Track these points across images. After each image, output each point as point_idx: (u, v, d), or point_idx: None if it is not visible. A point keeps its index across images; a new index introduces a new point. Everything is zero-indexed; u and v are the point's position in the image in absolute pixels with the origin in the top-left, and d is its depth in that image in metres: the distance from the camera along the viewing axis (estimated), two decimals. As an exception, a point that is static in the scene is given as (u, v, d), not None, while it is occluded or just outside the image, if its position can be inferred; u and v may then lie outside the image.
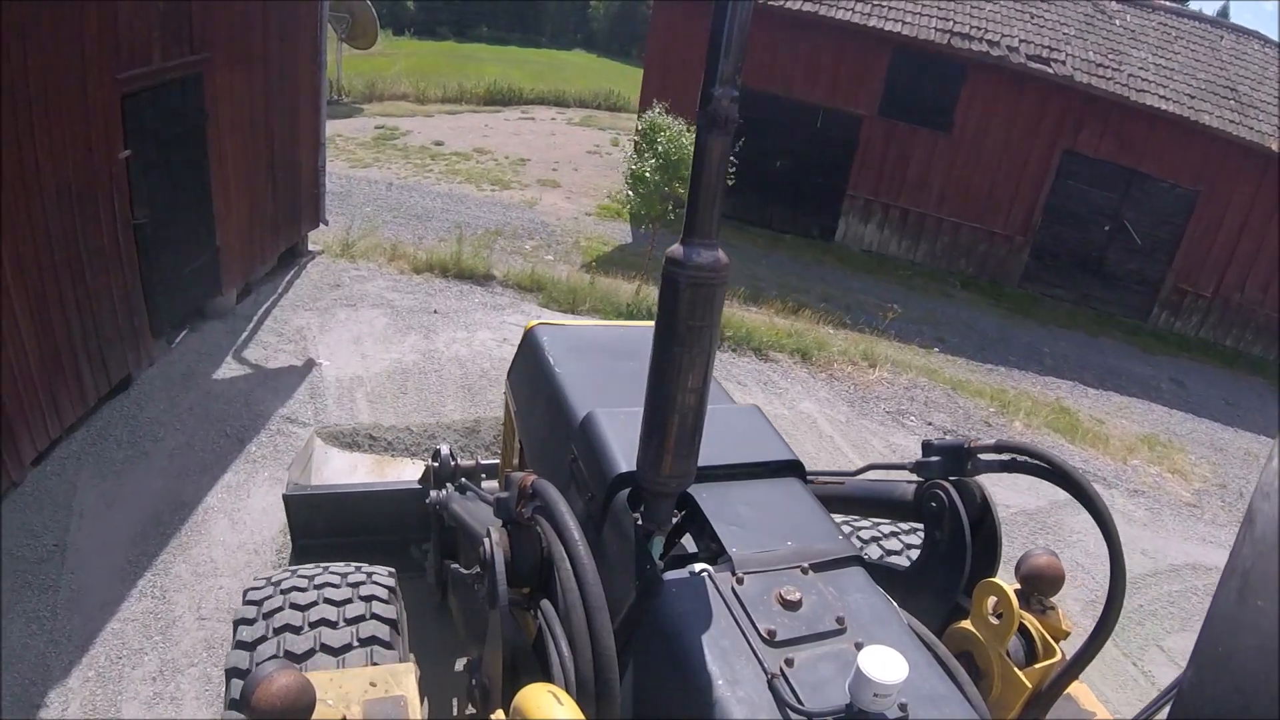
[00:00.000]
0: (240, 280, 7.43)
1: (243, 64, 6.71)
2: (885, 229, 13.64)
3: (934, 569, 2.38)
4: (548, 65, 31.75)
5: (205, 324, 7.06)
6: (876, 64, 12.64)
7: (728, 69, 1.48)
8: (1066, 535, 6.90)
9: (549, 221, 12.25)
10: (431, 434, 5.73)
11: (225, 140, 6.61)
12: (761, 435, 2.44)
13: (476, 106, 19.49)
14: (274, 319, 7.35)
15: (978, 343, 11.50)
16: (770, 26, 12.61)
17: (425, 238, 10.83)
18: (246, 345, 6.91)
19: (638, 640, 1.80)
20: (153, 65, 5.57)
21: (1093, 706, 2.31)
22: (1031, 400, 9.79)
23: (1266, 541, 0.83)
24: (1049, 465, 2.14)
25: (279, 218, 7.80)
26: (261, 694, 1.58)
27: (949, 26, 12.43)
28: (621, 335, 3.33)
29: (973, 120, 12.91)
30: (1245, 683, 0.82)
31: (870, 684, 1.45)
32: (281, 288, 7.90)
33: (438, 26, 36.45)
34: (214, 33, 6.16)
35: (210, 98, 6.26)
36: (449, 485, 3.43)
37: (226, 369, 6.55)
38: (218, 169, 6.59)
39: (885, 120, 12.97)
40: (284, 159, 7.71)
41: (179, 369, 6.43)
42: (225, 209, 6.83)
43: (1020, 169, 13.18)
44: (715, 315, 1.63)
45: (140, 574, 4.50)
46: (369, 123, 16.32)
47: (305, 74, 7.93)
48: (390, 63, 24.39)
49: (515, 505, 1.85)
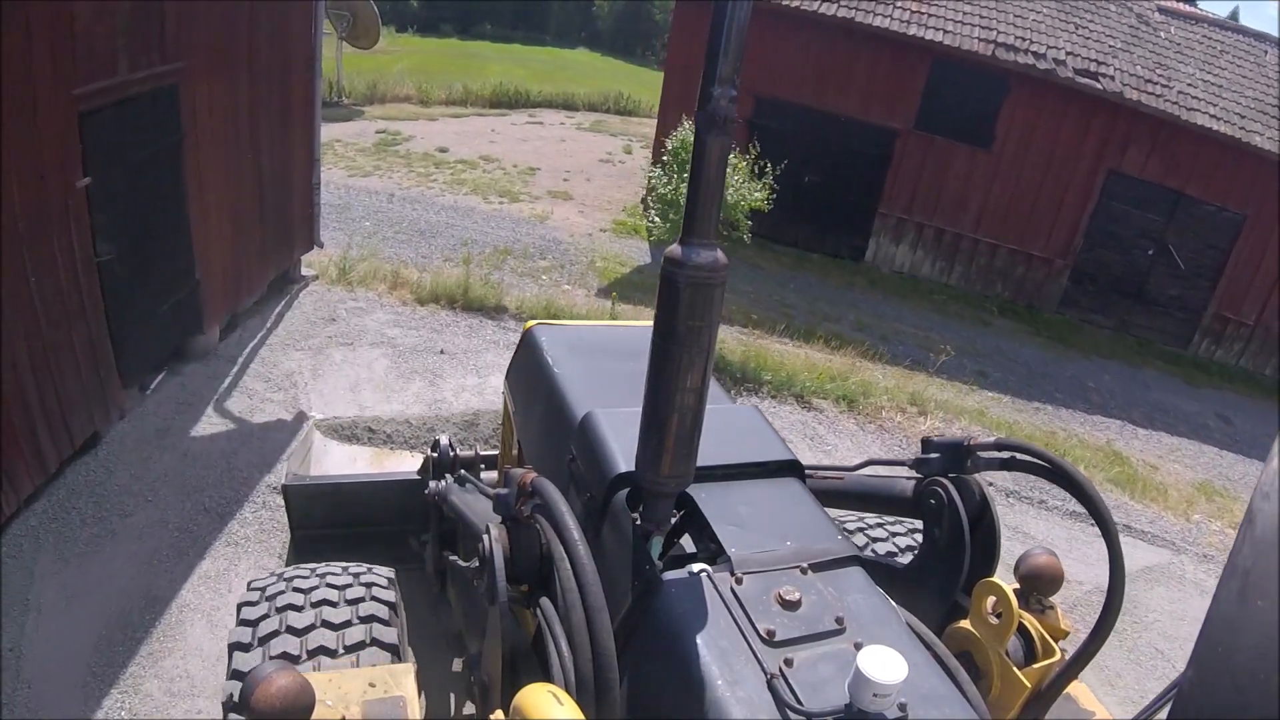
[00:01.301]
0: (224, 315, 6.61)
1: (225, 72, 5.86)
2: (918, 249, 12.84)
3: (933, 566, 2.37)
4: (552, 64, 31.13)
5: (185, 367, 6.24)
6: (914, 75, 11.83)
7: (726, 69, 1.47)
8: (1143, 616, 6.23)
9: (562, 238, 11.43)
10: (430, 427, 5.61)
11: (205, 160, 5.77)
12: (760, 435, 2.43)
13: (482, 109, 18.64)
14: (261, 360, 6.52)
15: (1022, 377, 10.82)
16: (801, 34, 11.81)
17: (430, 257, 10.02)
18: (230, 393, 6.08)
19: (637, 640, 1.79)
20: (117, 77, 4.73)
21: (1092, 706, 2.31)
22: (1083, 444, 9.19)
23: (1266, 541, 0.84)
24: (1048, 464, 2.15)
25: (268, 243, 6.97)
26: (260, 695, 1.56)
27: (992, 37, 11.63)
28: (620, 335, 3.33)
29: (1015, 136, 12.12)
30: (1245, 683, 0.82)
31: (869, 684, 1.43)
32: (270, 322, 7.06)
33: (441, 23, 35.78)
34: (191, 37, 5.31)
35: (187, 112, 5.42)
36: (448, 476, 3.37)
37: (207, 423, 5.73)
38: (196, 193, 5.76)
39: (922, 134, 12.17)
40: (274, 178, 6.88)
41: (153, 422, 5.61)
42: (206, 238, 6.00)
43: (1063, 188, 12.41)
44: (714, 315, 1.62)
45: (106, 690, 3.80)
46: (370, 127, 15.46)
47: (298, 82, 7.08)
48: (393, 61, 23.50)
49: (515, 502, 1.84)
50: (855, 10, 11.34)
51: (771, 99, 12.26)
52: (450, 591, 3.18)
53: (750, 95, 12.32)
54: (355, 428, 5.44)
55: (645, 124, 20.50)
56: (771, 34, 11.97)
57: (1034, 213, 12.56)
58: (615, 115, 21.00)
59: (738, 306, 10.36)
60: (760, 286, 11.14)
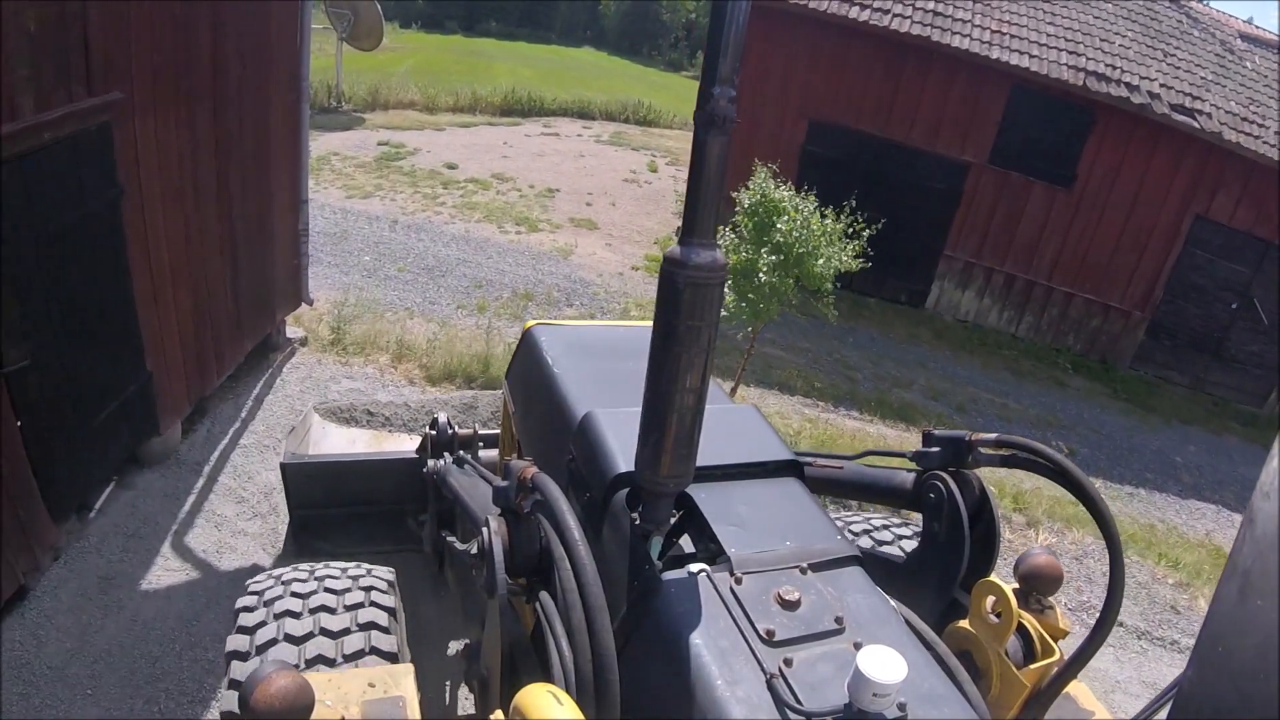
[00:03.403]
0: (186, 406, 5.17)
1: (180, 102, 4.37)
2: (985, 297, 11.48)
3: (932, 561, 2.37)
4: (558, 63, 29.94)
5: (138, 477, 4.85)
6: (991, 103, 10.45)
7: (726, 68, 1.47)
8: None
9: (589, 278, 9.99)
10: (429, 410, 5.43)
11: (154, 219, 4.31)
12: (759, 435, 2.40)
13: (493, 118, 17.14)
14: (233, 469, 5.07)
15: (1109, 453, 9.58)
16: (865, 51, 10.41)
17: (438, 303, 8.57)
18: (193, 521, 4.66)
19: (637, 641, 1.79)
20: (23, 120, 3.28)
21: (1091, 705, 2.30)
22: (1184, 541, 8.09)
23: (1266, 541, 0.83)
24: (1048, 462, 2.17)
25: (243, 312, 5.50)
26: (260, 695, 1.55)
27: (1081, 64, 10.27)
28: (620, 335, 3.33)
29: (1098, 175, 10.78)
30: (1245, 682, 0.82)
31: (869, 684, 1.44)
32: (246, 411, 5.60)
33: (446, 20, 34.48)
34: (129, 58, 3.84)
35: (126, 159, 3.97)
36: (446, 455, 3.36)
37: (162, 568, 4.34)
38: (143, 263, 4.31)
39: (996, 170, 10.79)
40: (249, 230, 5.41)
41: (95, 565, 4.27)
42: (158, 317, 4.55)
43: (1146, 234, 11.10)
44: (714, 315, 1.63)
45: None
46: (371, 137, 13.95)
47: (279, 106, 5.59)
48: (396, 59, 22.01)
49: (515, 496, 1.82)
50: (931, 28, 9.94)
51: (827, 123, 10.87)
52: (448, 572, 3.21)
53: (803, 118, 10.93)
54: (354, 411, 5.24)
55: (668, 136, 19.11)
56: (830, 50, 10.57)
57: (1114, 260, 11.25)
58: (635, 126, 19.56)
59: (797, 369, 8.99)
60: (817, 341, 9.76)
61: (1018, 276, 11.28)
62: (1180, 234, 11.10)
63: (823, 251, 5.67)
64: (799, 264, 5.70)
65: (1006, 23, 10.49)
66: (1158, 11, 12.45)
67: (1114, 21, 11.56)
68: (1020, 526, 6.79)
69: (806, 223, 5.58)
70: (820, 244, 5.66)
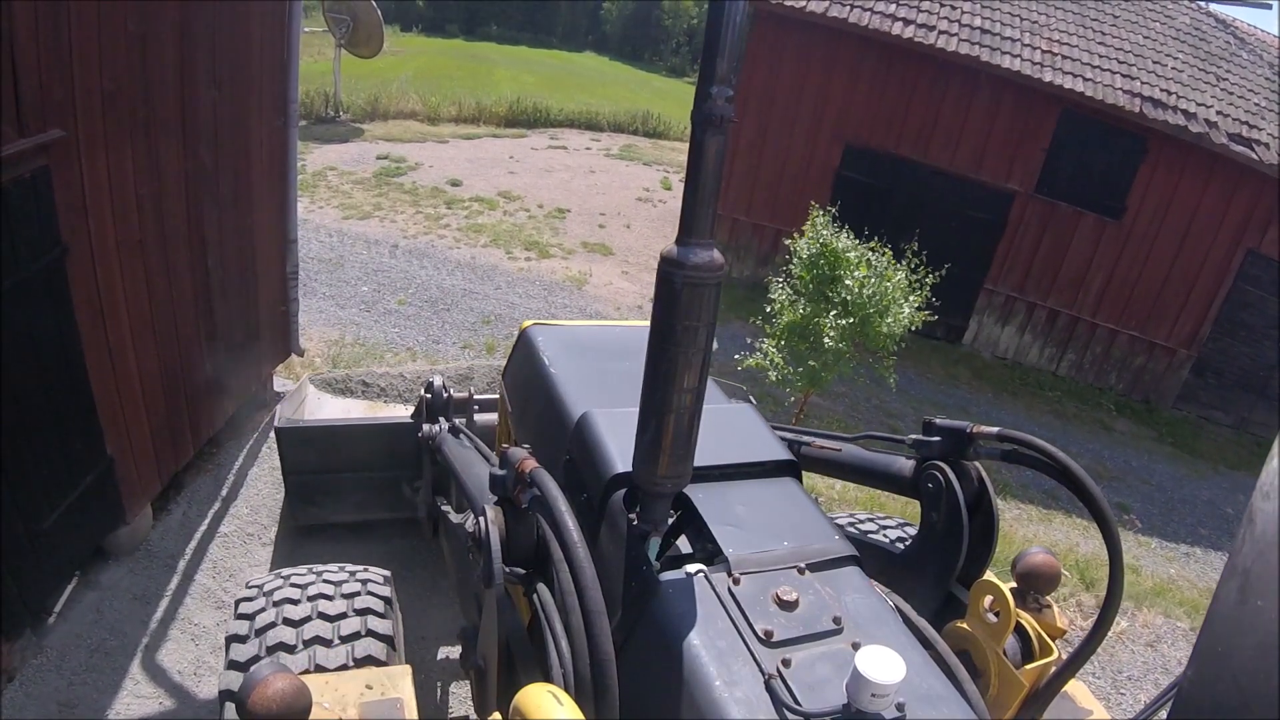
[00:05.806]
0: (157, 485, 4.36)
1: (137, 136, 3.55)
2: (1027, 333, 10.77)
3: (930, 552, 2.35)
4: (560, 68, 29.32)
5: (104, 572, 4.07)
6: (1039, 128, 9.75)
7: (723, 68, 1.45)
8: None
9: (606, 312, 9.22)
10: (424, 379, 5.18)
11: (108, 277, 3.50)
12: (757, 435, 2.38)
13: (497, 129, 16.35)
14: (212, 564, 4.26)
15: (1161, 507, 8.94)
16: (907, 72, 9.70)
17: (442, 342, 7.79)
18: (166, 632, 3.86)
19: (635, 641, 1.78)
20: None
21: (1090, 705, 2.29)
22: None
23: (1266, 541, 0.82)
24: (1049, 459, 2.16)
25: (221, 373, 4.69)
26: (258, 697, 1.53)
27: (1136, 88, 9.58)
28: (617, 335, 3.29)
29: (1150, 206, 10.09)
30: (1245, 682, 0.81)
31: (868, 684, 1.42)
32: (227, 486, 4.78)
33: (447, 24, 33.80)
34: (72, 87, 3.02)
35: (70, 209, 3.15)
36: (442, 420, 3.31)
37: (130, 694, 3.58)
38: (95, 330, 3.50)
39: (1042, 199, 10.09)
40: (227, 280, 4.60)
41: (54, 689, 3.51)
42: (117, 392, 3.74)
43: (1196, 269, 10.43)
44: (711, 315, 1.61)
45: None
46: (370, 150, 13.13)
47: (263, 135, 4.77)
48: (397, 64, 21.21)
49: (512, 489, 1.82)
50: (980, 47, 9.23)
51: (864, 148, 10.14)
52: (442, 541, 3.22)
53: (839, 142, 10.21)
54: (349, 381, 5.17)
55: (679, 150, 18.35)
56: (870, 70, 9.85)
57: (1162, 295, 10.57)
58: (645, 138, 18.79)
59: (834, 417, 8.24)
60: (853, 385, 9.01)
61: (1061, 312, 10.57)
62: (1231, 269, 10.44)
63: (892, 310, 4.91)
64: (865, 324, 4.94)
65: (1057, 43, 9.80)
66: (1205, 32, 11.82)
67: (1164, 43, 10.91)
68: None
69: (882, 279, 4.81)
70: (891, 302, 4.89)
